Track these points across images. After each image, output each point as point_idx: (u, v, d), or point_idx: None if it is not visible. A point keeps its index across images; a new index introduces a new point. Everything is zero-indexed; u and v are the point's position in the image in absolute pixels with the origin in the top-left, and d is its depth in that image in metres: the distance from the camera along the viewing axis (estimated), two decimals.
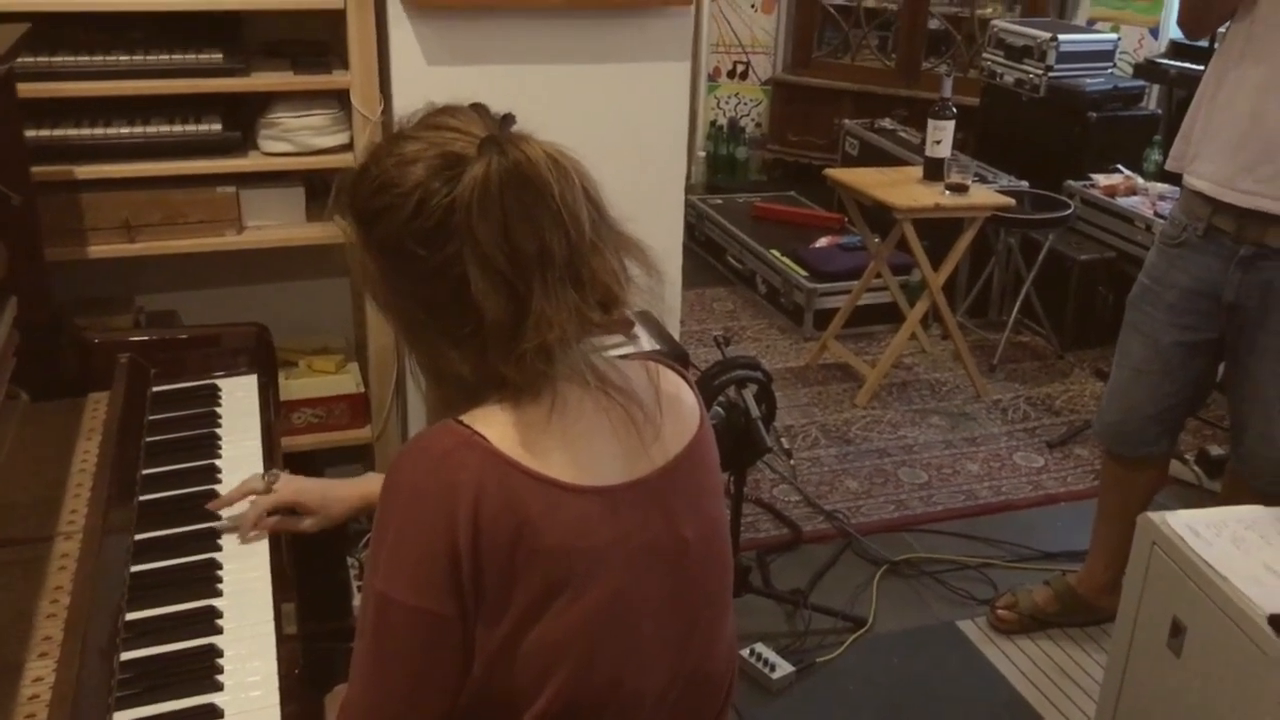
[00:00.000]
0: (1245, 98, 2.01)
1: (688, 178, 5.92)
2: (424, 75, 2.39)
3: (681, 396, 1.16)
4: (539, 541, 1.00)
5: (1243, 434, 2.20)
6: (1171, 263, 2.20)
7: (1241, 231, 2.06)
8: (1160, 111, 4.69)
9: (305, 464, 2.52)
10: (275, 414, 1.93)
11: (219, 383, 1.96)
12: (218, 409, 1.88)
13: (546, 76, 2.50)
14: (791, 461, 3.30)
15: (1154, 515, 1.89)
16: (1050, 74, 4.39)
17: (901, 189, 3.61)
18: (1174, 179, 2.75)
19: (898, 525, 3.02)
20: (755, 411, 2.43)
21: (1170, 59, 4.68)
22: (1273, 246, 2.03)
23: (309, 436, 2.52)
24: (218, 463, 1.73)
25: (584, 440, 1.05)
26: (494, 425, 1.03)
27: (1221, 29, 2.15)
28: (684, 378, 1.21)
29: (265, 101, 2.37)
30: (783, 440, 3.36)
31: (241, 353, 2.03)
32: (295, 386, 2.52)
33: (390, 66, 2.37)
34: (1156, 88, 4.80)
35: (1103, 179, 4.17)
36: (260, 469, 1.69)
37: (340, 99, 2.38)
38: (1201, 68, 2.18)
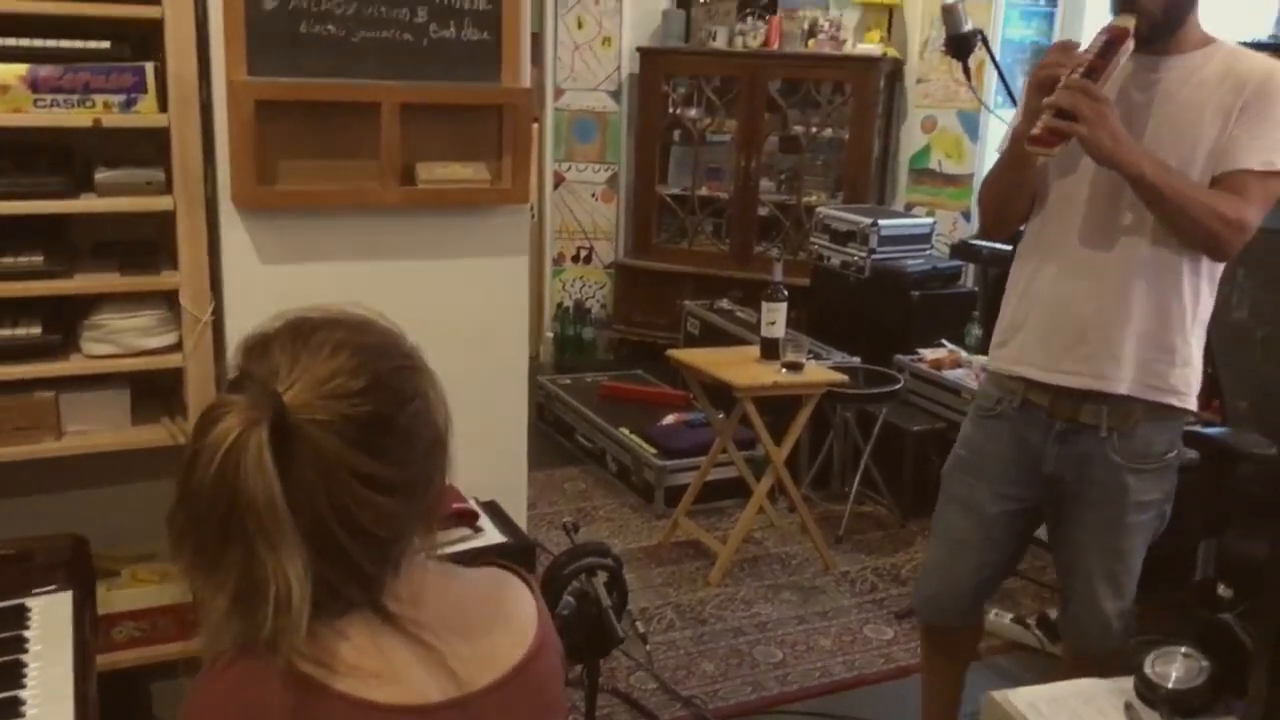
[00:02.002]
0: (1050, 289, 2.12)
1: (536, 358, 5.98)
2: (257, 274, 2.37)
3: (517, 610, 1.14)
4: None
5: (1068, 600, 2.27)
6: (989, 434, 2.25)
7: (1055, 407, 2.14)
8: (977, 289, 5.00)
9: (126, 682, 2.35)
10: (91, 632, 1.81)
11: (29, 602, 1.83)
12: (25, 632, 1.74)
13: (385, 273, 2.52)
14: (647, 647, 3.24)
15: (998, 694, 1.91)
16: (874, 256, 4.65)
17: (741, 368, 3.72)
18: None
19: (755, 708, 2.98)
20: (606, 600, 2.40)
21: (982, 240, 5.02)
22: (1086, 423, 2.11)
23: (131, 653, 2.36)
24: (22, 694, 1.59)
25: (401, 656, 1.02)
26: (302, 644, 0.98)
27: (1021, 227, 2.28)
28: (526, 582, 1.19)
29: (92, 302, 2.31)
30: (638, 624, 3.32)
31: (56, 567, 1.91)
32: (117, 598, 2.38)
33: (222, 266, 2.35)
34: (972, 267, 5.12)
35: (929, 353, 4.39)
36: (71, 696, 1.56)
37: (169, 299, 2.33)
38: (1011, 248, 2.33)
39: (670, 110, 5.93)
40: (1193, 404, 2.12)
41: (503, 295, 2.65)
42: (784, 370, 3.70)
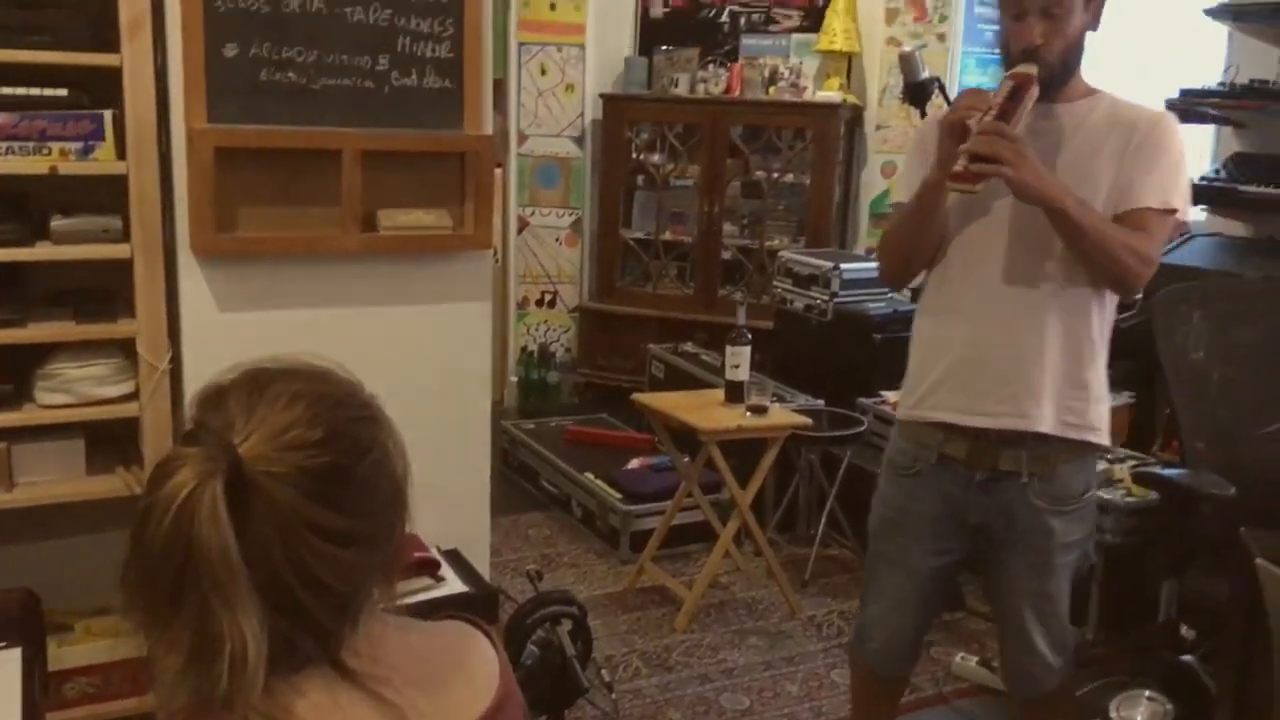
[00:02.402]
0: (965, 334, 2.13)
1: (500, 403, 5.95)
2: (216, 322, 2.35)
3: (478, 663, 1.12)
4: None
5: (1005, 647, 2.29)
6: (911, 492, 2.24)
7: (973, 458, 2.14)
8: None
9: None
10: (41, 690, 1.76)
11: None
12: None
13: (346, 320, 2.51)
14: (613, 695, 3.21)
15: None
16: (836, 299, 4.68)
17: (705, 412, 3.72)
18: None
19: None
20: (571, 649, 2.38)
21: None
22: (1006, 470, 2.12)
23: (83, 710, 2.30)
24: None
25: (359, 713, 1.00)
26: (258, 702, 0.96)
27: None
28: (488, 635, 1.18)
29: (47, 351, 2.28)
30: (603, 673, 3.28)
31: (5, 623, 1.88)
32: (69, 654, 2.32)
33: (180, 314, 2.33)
34: None
35: (891, 395, 4.41)
36: None
37: (126, 347, 2.31)
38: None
39: (633, 155, 5.97)
40: (1107, 439, 2.16)
41: (465, 341, 2.64)
42: (748, 413, 3.70)
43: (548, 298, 6.12)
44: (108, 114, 2.23)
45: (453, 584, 2.40)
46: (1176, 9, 4.17)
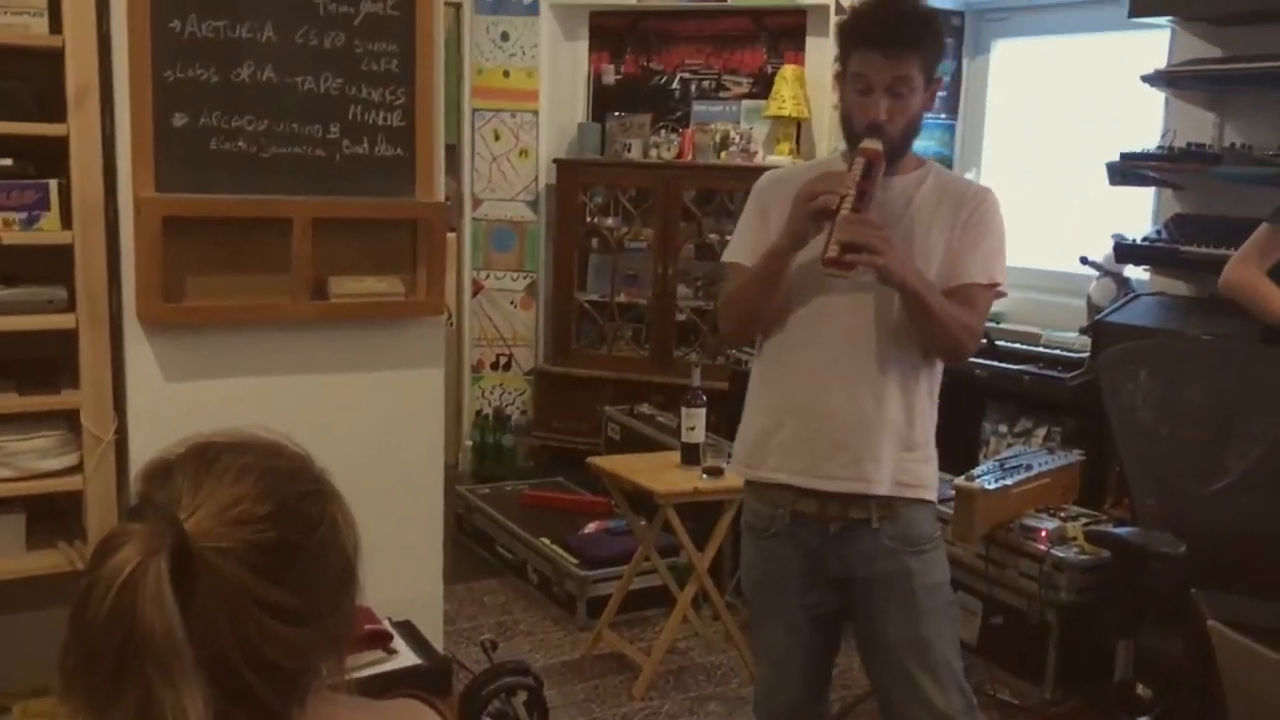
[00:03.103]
0: (805, 397, 2.18)
1: (455, 467, 5.90)
2: (163, 392, 2.32)
3: None
4: None
5: (890, 706, 2.25)
6: (772, 553, 2.27)
7: (825, 511, 2.19)
8: None
9: None
10: None
11: None
12: None
13: (297, 388, 2.48)
14: None
15: None
16: None
17: (662, 474, 3.70)
18: None
19: None
20: None
21: None
22: (858, 519, 2.17)
23: None
24: None
25: None
26: None
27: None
28: (440, 712, 1.15)
29: None
30: None
31: None
32: None
33: (126, 384, 2.29)
34: None
35: None
36: None
37: (70, 419, 2.26)
38: None
39: (588, 219, 6.01)
40: (935, 496, 2.27)
41: (417, 407, 2.62)
42: (705, 475, 3.69)
43: (503, 361, 6.11)
44: (53, 183, 2.21)
45: (405, 656, 2.35)
46: (1116, 76, 4.29)
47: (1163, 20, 3.87)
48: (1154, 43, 4.06)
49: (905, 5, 2.10)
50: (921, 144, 5.11)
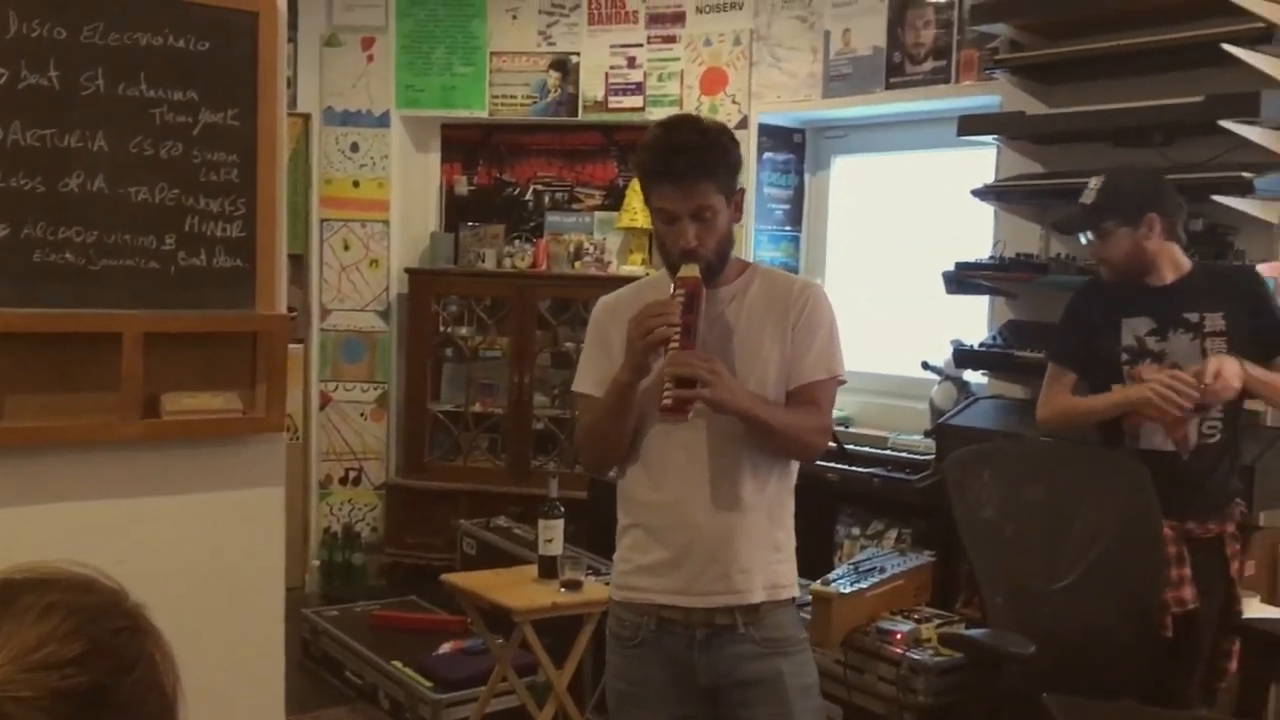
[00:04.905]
0: (668, 516, 2.19)
1: (301, 588, 5.65)
2: None
3: None
4: None
5: None
6: (639, 663, 2.24)
7: (690, 617, 2.19)
8: None
9: None
10: None
11: None
12: None
13: (126, 512, 2.34)
14: None
15: None
16: None
17: (518, 589, 3.61)
18: None
19: None
20: None
21: None
22: (722, 624, 2.17)
23: None
24: None
25: None
26: None
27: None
28: None
29: None
30: None
31: None
32: None
33: None
34: None
35: None
36: None
37: None
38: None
39: (441, 328, 5.95)
40: (797, 591, 2.30)
41: (256, 528, 2.50)
42: (563, 589, 3.62)
43: (352, 475, 5.93)
44: None
45: None
46: (949, 190, 4.51)
47: (989, 139, 4.11)
48: (982, 159, 4.30)
49: (686, 137, 2.11)
50: (768, 254, 5.31)
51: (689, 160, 2.08)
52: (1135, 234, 2.80)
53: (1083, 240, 3.00)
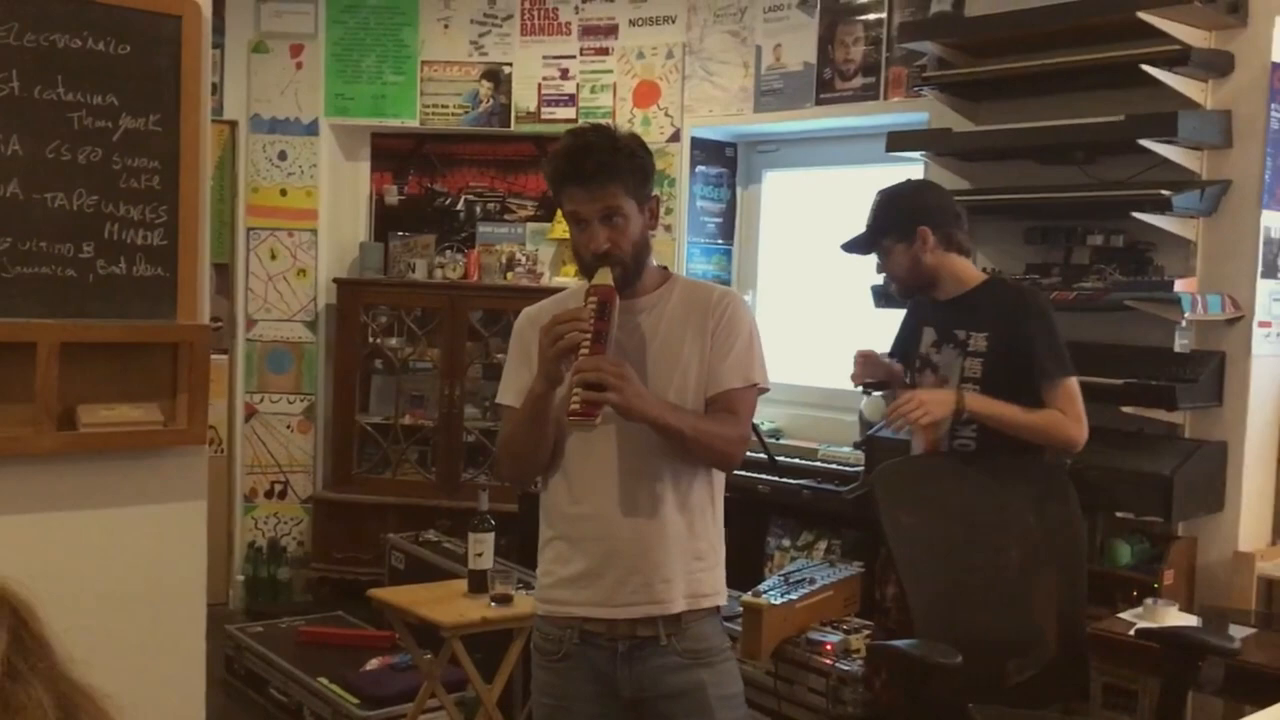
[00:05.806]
0: (588, 528, 2.18)
1: (225, 604, 5.53)
2: None
3: None
4: None
5: None
6: (564, 676, 2.24)
7: (613, 630, 2.19)
8: None
9: None
10: None
11: None
12: None
13: (39, 527, 2.26)
14: None
15: None
16: None
17: (447, 604, 3.57)
18: None
19: None
20: None
21: None
22: (645, 636, 2.18)
23: None
24: None
25: None
26: None
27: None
28: None
29: None
30: None
31: None
32: None
33: None
34: None
35: None
36: None
37: None
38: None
39: (370, 339, 5.87)
40: (725, 599, 2.29)
41: (177, 543, 2.43)
42: (493, 603, 3.58)
43: (278, 488, 5.82)
44: None
45: None
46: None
47: (916, 155, 4.17)
48: (910, 175, 4.35)
49: (594, 138, 2.13)
50: (700, 267, 5.33)
51: (596, 161, 2.08)
52: (911, 249, 2.90)
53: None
